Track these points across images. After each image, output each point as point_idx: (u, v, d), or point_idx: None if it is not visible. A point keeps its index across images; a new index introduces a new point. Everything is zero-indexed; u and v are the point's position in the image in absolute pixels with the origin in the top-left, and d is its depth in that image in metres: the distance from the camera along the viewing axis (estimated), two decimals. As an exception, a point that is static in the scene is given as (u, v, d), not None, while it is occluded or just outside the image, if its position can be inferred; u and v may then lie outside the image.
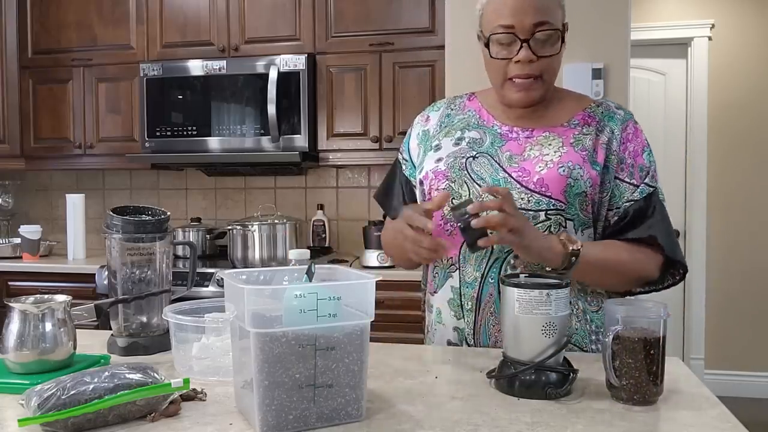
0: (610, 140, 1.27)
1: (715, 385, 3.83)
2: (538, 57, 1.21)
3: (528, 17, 1.19)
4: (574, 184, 1.21)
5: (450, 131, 1.36)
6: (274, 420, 0.83)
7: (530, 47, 1.20)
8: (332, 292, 0.85)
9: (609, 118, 1.29)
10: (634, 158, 1.27)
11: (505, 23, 1.21)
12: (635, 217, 1.25)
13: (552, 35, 1.22)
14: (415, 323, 2.71)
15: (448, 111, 1.41)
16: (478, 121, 1.35)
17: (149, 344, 1.25)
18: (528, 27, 1.20)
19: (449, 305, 1.30)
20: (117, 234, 1.23)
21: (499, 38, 1.22)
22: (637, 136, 1.29)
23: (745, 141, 4.06)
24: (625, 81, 2.50)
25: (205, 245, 3.30)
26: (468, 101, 1.41)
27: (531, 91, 1.25)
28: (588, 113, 1.31)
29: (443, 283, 1.31)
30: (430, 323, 1.40)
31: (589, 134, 1.27)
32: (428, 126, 1.41)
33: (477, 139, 1.32)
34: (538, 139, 1.28)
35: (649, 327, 0.96)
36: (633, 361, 0.95)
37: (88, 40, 3.33)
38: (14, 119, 3.42)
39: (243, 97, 3.08)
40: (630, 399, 0.95)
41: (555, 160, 1.23)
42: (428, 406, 0.93)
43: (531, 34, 1.20)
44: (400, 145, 1.49)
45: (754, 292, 4.03)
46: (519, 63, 1.22)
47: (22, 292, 2.89)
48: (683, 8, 4.10)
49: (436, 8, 2.93)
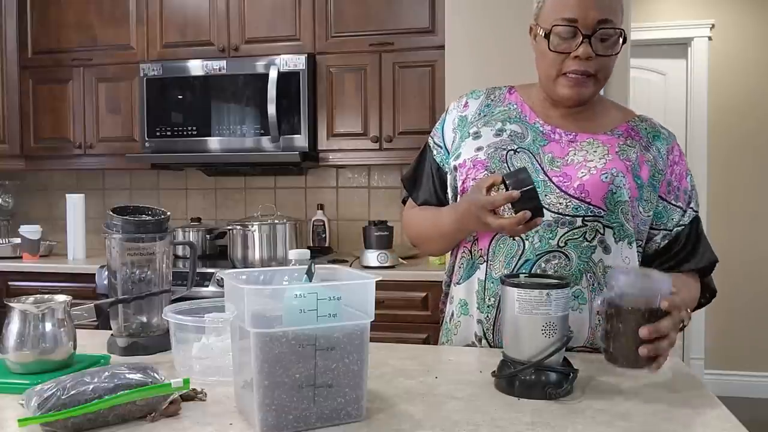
0: (656, 159, 1.27)
1: (715, 385, 3.84)
2: (597, 55, 1.20)
3: (593, 12, 1.17)
4: (617, 191, 1.21)
5: (490, 121, 1.34)
6: (274, 420, 0.83)
7: (590, 44, 1.19)
8: (332, 292, 0.85)
9: (655, 136, 1.30)
10: (680, 181, 1.29)
11: (570, 16, 1.18)
12: (686, 243, 1.29)
13: (613, 35, 1.20)
14: (415, 323, 2.73)
15: (487, 101, 1.38)
16: (519, 115, 1.33)
17: (149, 344, 1.25)
18: (591, 23, 1.18)
19: (476, 296, 1.29)
20: (117, 234, 1.23)
21: (561, 31, 1.20)
22: (681, 159, 1.31)
23: (746, 141, 4.06)
24: (625, 81, 2.50)
25: (205, 245, 3.30)
26: (509, 94, 1.38)
27: (583, 88, 1.23)
28: (632, 126, 1.30)
29: (470, 274, 1.30)
30: (449, 315, 1.38)
31: (634, 147, 1.26)
32: (467, 112, 1.38)
33: (519, 133, 1.30)
34: (581, 144, 1.27)
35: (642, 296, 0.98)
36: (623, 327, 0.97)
37: (88, 40, 3.33)
38: (14, 119, 3.42)
39: (243, 97, 3.08)
40: (616, 361, 0.99)
41: (599, 167, 1.22)
42: (428, 406, 0.93)
43: (593, 31, 1.18)
44: (400, 144, 1.49)
45: (754, 292, 4.03)
46: (577, 58, 1.20)
47: (22, 292, 2.89)
48: (683, 8, 4.10)
49: (436, 8, 2.93)
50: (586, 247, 1.21)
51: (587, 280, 1.22)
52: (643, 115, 1.35)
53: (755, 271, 4.03)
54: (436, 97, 2.94)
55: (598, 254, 1.22)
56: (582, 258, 1.22)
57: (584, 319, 1.22)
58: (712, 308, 4.05)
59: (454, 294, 1.35)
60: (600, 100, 1.34)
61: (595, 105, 1.32)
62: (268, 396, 0.82)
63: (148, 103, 3.17)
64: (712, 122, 4.08)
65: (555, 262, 1.22)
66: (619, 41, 1.21)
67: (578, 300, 1.22)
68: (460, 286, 1.33)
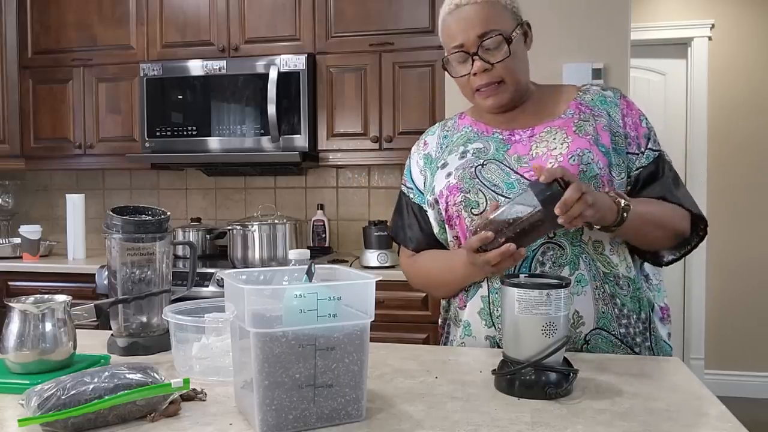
0: (609, 122, 1.30)
1: (715, 385, 3.84)
2: (492, 64, 1.27)
3: (472, 31, 1.26)
4: (587, 169, 1.23)
5: (452, 149, 1.38)
6: (274, 420, 0.83)
7: (481, 58, 1.27)
8: (332, 292, 0.85)
9: (601, 101, 1.33)
10: (636, 129, 1.31)
11: (455, 43, 1.29)
12: (647, 181, 1.29)
13: (499, 41, 1.26)
14: (415, 323, 2.73)
15: (444, 132, 1.44)
16: (476, 133, 1.38)
17: (149, 344, 1.25)
18: (473, 40, 1.27)
19: (480, 315, 1.31)
20: (117, 234, 1.23)
21: (455, 57, 1.30)
22: (631, 108, 1.34)
23: (745, 141, 4.06)
24: (625, 81, 2.50)
25: (205, 245, 3.30)
26: (460, 120, 1.45)
27: (498, 95, 1.30)
28: (579, 102, 1.34)
29: (474, 294, 1.32)
30: (454, 338, 1.40)
31: (588, 121, 1.30)
32: (428, 150, 1.44)
33: (481, 149, 1.34)
34: (541, 135, 1.31)
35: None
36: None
37: (88, 40, 3.33)
38: (14, 119, 3.42)
39: (243, 97, 3.08)
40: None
41: (564, 152, 1.26)
42: (428, 406, 0.93)
43: (478, 46, 1.26)
44: (400, 144, 1.50)
45: (754, 293, 4.03)
46: (477, 74, 1.28)
47: (22, 292, 2.90)
48: (683, 8, 4.10)
49: (436, 8, 2.93)
50: (574, 232, 1.24)
51: (584, 261, 1.24)
52: (585, 86, 1.39)
53: (755, 270, 4.03)
54: (436, 97, 2.94)
55: (586, 233, 1.25)
56: (574, 243, 1.25)
57: (589, 300, 1.24)
58: (712, 308, 4.07)
59: (461, 317, 1.36)
60: (541, 89, 1.39)
61: (539, 95, 1.37)
62: (268, 396, 0.82)
63: (148, 103, 3.17)
64: (712, 122, 4.08)
65: (551, 254, 1.24)
66: (504, 43, 1.27)
67: (580, 284, 1.24)
68: (465, 309, 1.34)
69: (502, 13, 1.28)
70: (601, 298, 1.25)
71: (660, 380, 1.07)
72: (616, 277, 1.27)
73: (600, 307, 1.25)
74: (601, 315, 1.25)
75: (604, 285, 1.25)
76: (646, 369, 1.14)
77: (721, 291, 4.07)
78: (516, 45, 1.28)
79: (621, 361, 1.18)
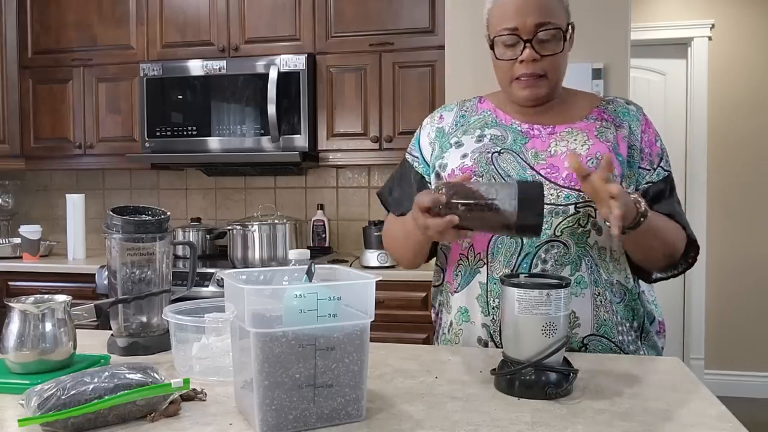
0: (629, 135, 1.31)
1: (715, 385, 3.84)
2: (542, 56, 1.25)
3: (530, 18, 1.23)
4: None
5: (468, 129, 1.37)
6: (274, 420, 0.83)
7: (533, 47, 1.24)
8: (332, 292, 0.85)
9: (624, 114, 1.35)
10: (650, 147, 1.33)
11: (509, 25, 1.25)
12: (654, 198, 1.30)
13: (555, 34, 1.25)
14: (415, 323, 2.73)
15: (461, 112, 1.42)
16: (495, 120, 1.37)
17: (149, 344, 1.25)
18: (530, 27, 1.24)
19: (478, 301, 1.30)
20: (117, 234, 1.23)
21: (504, 40, 1.27)
22: (649, 126, 1.35)
23: (745, 141, 4.06)
24: (625, 81, 2.51)
25: (205, 245, 3.30)
26: (479, 103, 1.43)
27: (537, 89, 1.29)
28: (602, 110, 1.35)
29: (470, 280, 1.31)
30: (447, 324, 1.38)
31: (609, 128, 1.31)
32: (443, 124, 1.42)
33: (499, 136, 1.33)
34: (561, 134, 1.31)
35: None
36: None
37: (88, 40, 3.33)
38: (14, 119, 3.42)
39: (243, 97, 3.08)
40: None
41: (583, 153, 1.26)
42: (428, 406, 0.93)
43: (533, 34, 1.24)
44: (400, 144, 1.50)
45: (753, 292, 4.03)
46: (524, 62, 1.26)
47: (22, 292, 2.90)
48: (683, 8, 4.10)
49: (436, 8, 2.93)
50: (581, 233, 1.24)
51: (585, 264, 1.24)
52: (608, 97, 1.41)
53: (754, 270, 4.03)
54: (436, 97, 2.94)
55: (593, 237, 1.25)
56: (579, 244, 1.24)
57: (587, 302, 1.24)
58: (712, 308, 4.07)
59: (452, 303, 1.35)
60: (568, 92, 1.39)
61: (564, 97, 1.37)
62: (268, 396, 0.82)
63: (148, 103, 3.17)
64: (711, 122, 4.08)
65: (554, 252, 1.24)
66: (561, 39, 1.26)
67: (580, 286, 1.24)
68: (459, 293, 1.33)
69: (559, 8, 1.27)
70: (602, 305, 1.25)
71: (660, 380, 1.07)
72: (615, 284, 1.27)
73: (601, 314, 1.25)
74: (602, 322, 1.25)
75: (605, 291, 1.26)
76: (646, 369, 1.14)
77: (721, 291, 4.07)
78: (567, 43, 1.28)
79: (621, 361, 1.18)
